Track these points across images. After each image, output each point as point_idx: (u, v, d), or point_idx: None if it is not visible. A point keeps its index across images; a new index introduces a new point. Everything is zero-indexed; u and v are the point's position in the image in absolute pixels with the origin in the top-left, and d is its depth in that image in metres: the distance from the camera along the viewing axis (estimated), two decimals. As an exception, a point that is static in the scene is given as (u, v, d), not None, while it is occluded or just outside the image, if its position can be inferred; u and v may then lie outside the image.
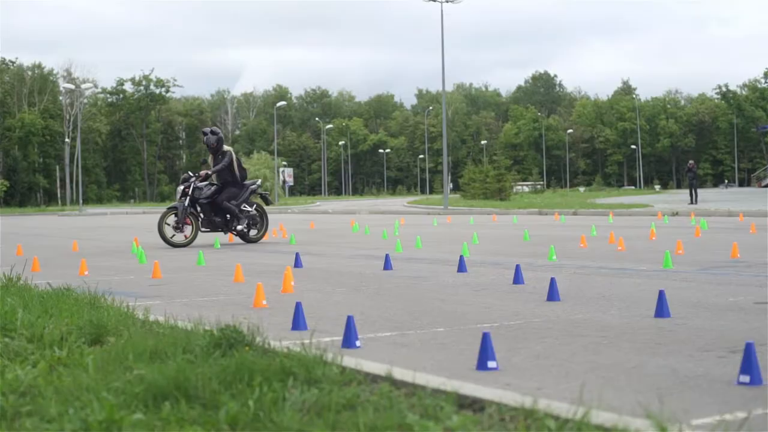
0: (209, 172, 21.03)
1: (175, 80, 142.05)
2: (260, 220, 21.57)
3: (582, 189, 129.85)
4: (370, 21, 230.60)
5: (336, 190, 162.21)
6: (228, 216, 20.95)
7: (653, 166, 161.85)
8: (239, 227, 20.91)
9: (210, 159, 21.49)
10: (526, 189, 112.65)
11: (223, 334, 5.85)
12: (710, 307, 8.69)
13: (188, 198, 20.56)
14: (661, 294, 8.15)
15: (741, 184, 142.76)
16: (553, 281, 9.58)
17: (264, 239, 21.83)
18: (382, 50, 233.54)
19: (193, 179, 20.87)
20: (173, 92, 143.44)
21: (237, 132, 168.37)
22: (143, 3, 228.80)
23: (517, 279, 11.18)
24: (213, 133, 21.20)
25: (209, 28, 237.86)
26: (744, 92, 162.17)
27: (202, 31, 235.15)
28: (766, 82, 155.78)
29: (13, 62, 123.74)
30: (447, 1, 52.72)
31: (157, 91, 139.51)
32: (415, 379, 4.87)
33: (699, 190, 53.26)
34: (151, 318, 7.39)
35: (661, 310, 8.04)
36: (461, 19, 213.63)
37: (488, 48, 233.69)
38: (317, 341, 6.23)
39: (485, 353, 5.81)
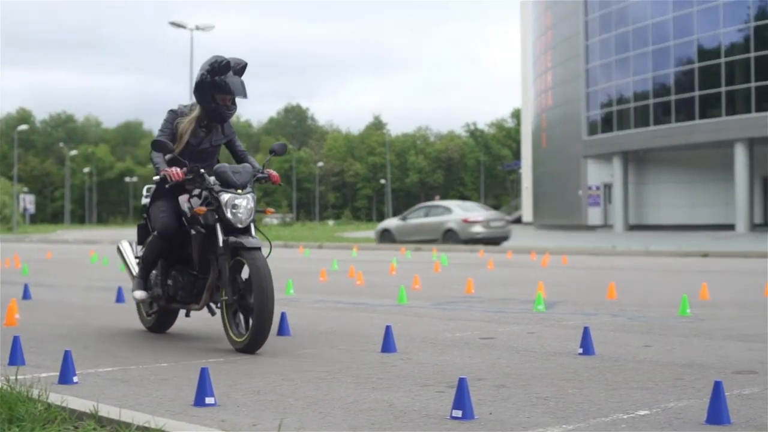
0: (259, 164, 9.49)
1: None
2: None
3: (331, 222, 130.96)
4: (122, 46, 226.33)
5: (80, 219, 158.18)
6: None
7: (402, 201, 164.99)
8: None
9: (189, 129, 9.32)
10: (276, 221, 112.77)
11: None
12: (437, 342, 8.84)
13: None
14: (388, 329, 8.25)
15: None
16: (283, 315, 9.54)
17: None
18: (133, 76, 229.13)
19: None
20: None
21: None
22: None
23: (251, 312, 11.07)
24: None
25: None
26: (491, 131, 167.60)
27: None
28: (512, 122, 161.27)
29: None
30: (197, 29, 52.40)
31: None
32: (120, 416, 4.72)
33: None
34: None
35: (388, 344, 8.13)
36: (215, 49, 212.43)
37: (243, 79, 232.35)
38: (32, 377, 6.00)
39: (203, 389, 5.72)
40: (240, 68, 9.10)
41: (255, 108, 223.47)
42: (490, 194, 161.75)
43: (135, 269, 9.77)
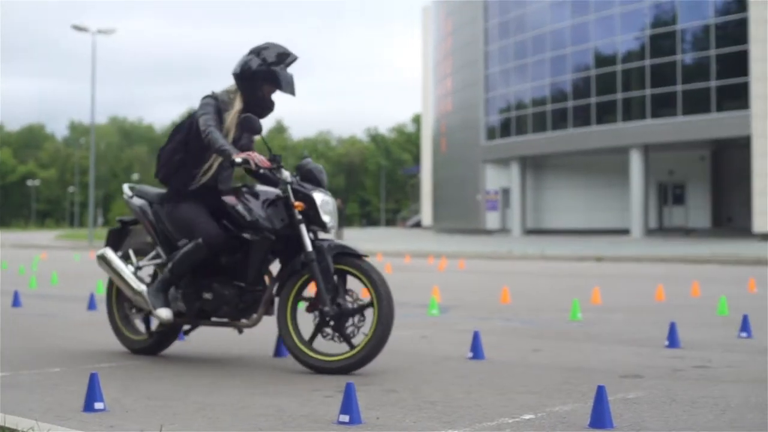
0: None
1: None
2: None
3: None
4: (24, 49, 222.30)
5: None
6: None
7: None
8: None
9: (231, 119, 7.84)
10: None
11: None
12: (329, 346, 8.87)
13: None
14: (281, 334, 8.27)
15: (387, 224, 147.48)
16: (178, 320, 9.50)
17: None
18: (35, 79, 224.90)
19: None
20: None
21: None
22: None
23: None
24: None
25: None
26: (392, 135, 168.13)
27: None
28: (413, 127, 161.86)
29: None
30: (99, 33, 51.80)
31: None
32: (5, 422, 4.70)
33: (347, 230, 54.71)
34: None
35: (280, 349, 8.18)
36: (118, 52, 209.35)
37: (146, 82, 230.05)
38: None
39: (92, 394, 5.70)
40: (290, 62, 7.89)
41: (157, 112, 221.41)
42: (390, 198, 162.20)
43: (134, 282, 8.11)
